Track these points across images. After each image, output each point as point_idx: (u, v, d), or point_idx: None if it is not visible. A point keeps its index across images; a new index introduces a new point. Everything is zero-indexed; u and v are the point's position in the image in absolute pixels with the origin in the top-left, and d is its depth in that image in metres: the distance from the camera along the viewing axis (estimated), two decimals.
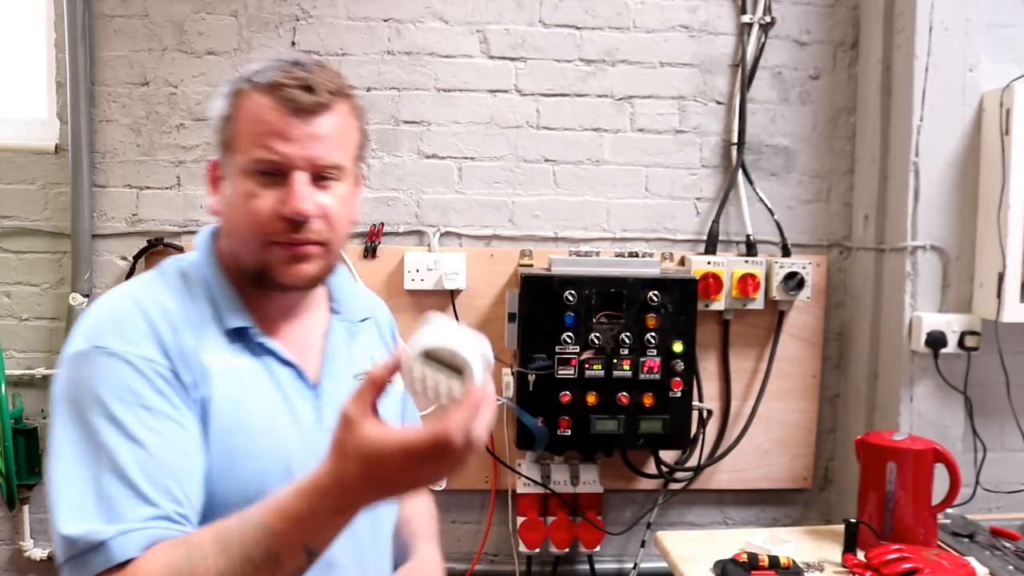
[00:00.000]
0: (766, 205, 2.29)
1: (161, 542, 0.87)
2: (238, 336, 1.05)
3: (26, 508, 2.25)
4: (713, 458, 2.32)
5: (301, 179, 1.01)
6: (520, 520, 2.22)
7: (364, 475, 0.80)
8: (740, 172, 2.29)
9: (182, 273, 1.07)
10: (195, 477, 0.95)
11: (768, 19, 2.27)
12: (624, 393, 2.05)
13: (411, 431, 0.79)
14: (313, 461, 0.89)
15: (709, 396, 2.31)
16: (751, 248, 2.28)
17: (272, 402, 1.04)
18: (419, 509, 1.32)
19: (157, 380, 0.95)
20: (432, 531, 1.30)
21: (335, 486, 0.82)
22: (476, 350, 0.81)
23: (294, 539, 0.83)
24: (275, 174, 1.01)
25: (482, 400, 0.80)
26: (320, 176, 1.03)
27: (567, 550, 2.24)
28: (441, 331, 0.83)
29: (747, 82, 2.27)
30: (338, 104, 1.05)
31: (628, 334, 2.04)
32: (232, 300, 1.06)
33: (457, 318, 2.21)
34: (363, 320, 1.21)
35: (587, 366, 2.04)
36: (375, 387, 0.83)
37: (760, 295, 2.21)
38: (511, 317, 2.12)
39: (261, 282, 1.05)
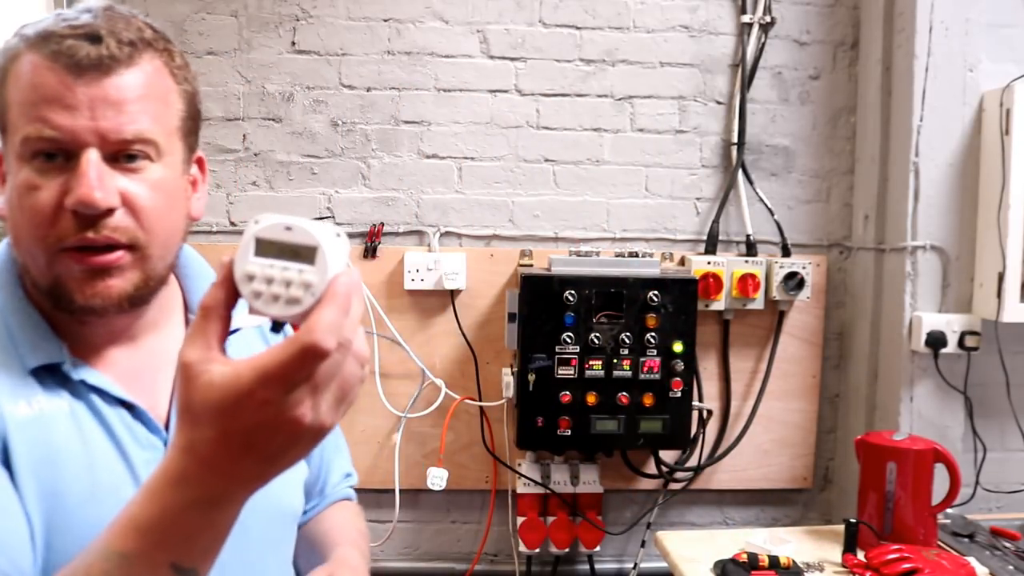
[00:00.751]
0: (766, 205, 2.30)
1: None
2: (51, 373, 0.81)
3: None
4: (713, 458, 2.32)
5: (92, 158, 0.76)
6: (520, 520, 2.22)
7: (224, 436, 0.58)
8: (740, 172, 2.29)
9: None
10: (17, 537, 0.74)
11: (768, 19, 2.27)
12: (624, 393, 2.05)
13: (264, 354, 0.57)
14: None
15: (709, 396, 2.31)
16: (751, 248, 2.28)
17: (97, 457, 0.80)
18: (339, 520, 1.12)
19: None
20: (354, 539, 1.07)
21: (192, 464, 0.59)
22: (324, 228, 0.61)
23: (157, 558, 0.61)
24: (59, 156, 0.77)
25: (347, 288, 0.59)
26: (123, 155, 0.79)
27: (567, 550, 2.24)
28: (276, 217, 0.61)
29: (747, 82, 2.27)
30: (142, 58, 0.80)
31: (628, 334, 2.04)
32: (34, 330, 0.81)
33: (457, 318, 2.21)
34: (234, 331, 0.81)
35: (587, 366, 2.04)
36: (213, 317, 0.61)
37: (760, 295, 2.21)
38: (511, 317, 2.12)
39: (59, 304, 0.81)
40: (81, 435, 0.80)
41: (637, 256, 2.12)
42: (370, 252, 2.20)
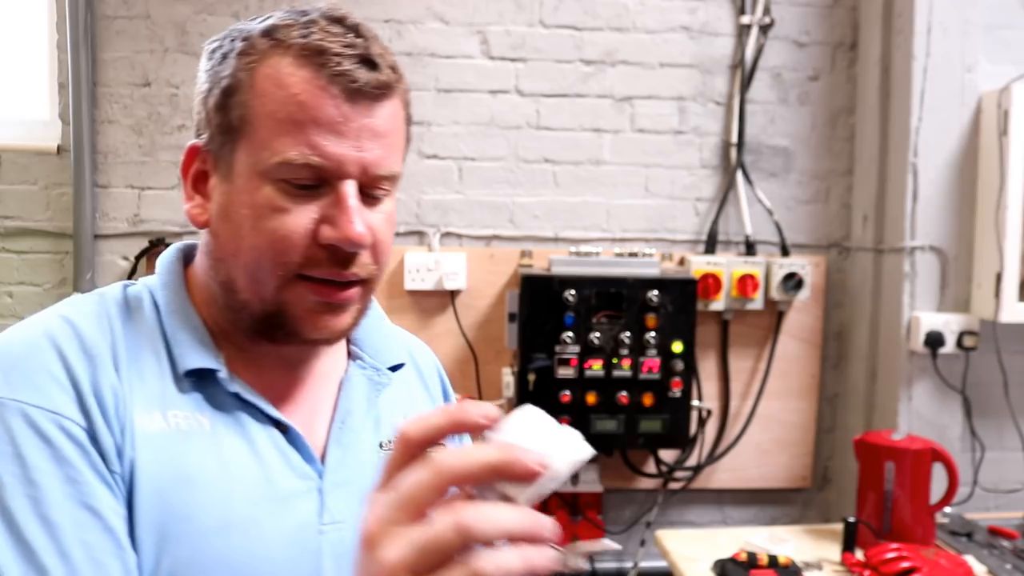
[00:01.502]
0: (765, 206, 2.30)
1: None
2: (202, 383, 0.74)
3: None
4: (712, 458, 2.33)
5: (352, 192, 0.71)
6: None
7: None
8: (739, 173, 2.30)
9: (128, 299, 0.77)
10: (122, 561, 0.65)
11: (767, 20, 2.28)
12: (624, 393, 2.06)
13: None
14: (307, 567, 0.71)
15: (708, 396, 2.32)
16: (750, 248, 2.29)
17: (237, 482, 0.71)
18: None
19: (64, 443, 0.66)
20: None
21: None
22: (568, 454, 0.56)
23: None
24: (314, 182, 0.71)
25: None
26: (371, 188, 0.73)
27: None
28: (531, 423, 0.58)
29: (746, 83, 2.28)
30: (397, 88, 0.75)
31: (628, 334, 2.05)
32: (193, 333, 0.75)
33: (457, 318, 2.22)
34: (395, 368, 0.88)
35: (587, 366, 2.05)
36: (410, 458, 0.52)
37: (759, 295, 2.22)
38: (511, 317, 2.13)
39: (270, 333, 0.75)
40: (221, 455, 0.72)
41: (637, 256, 2.13)
42: None
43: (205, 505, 0.69)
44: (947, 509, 1.94)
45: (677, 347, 2.07)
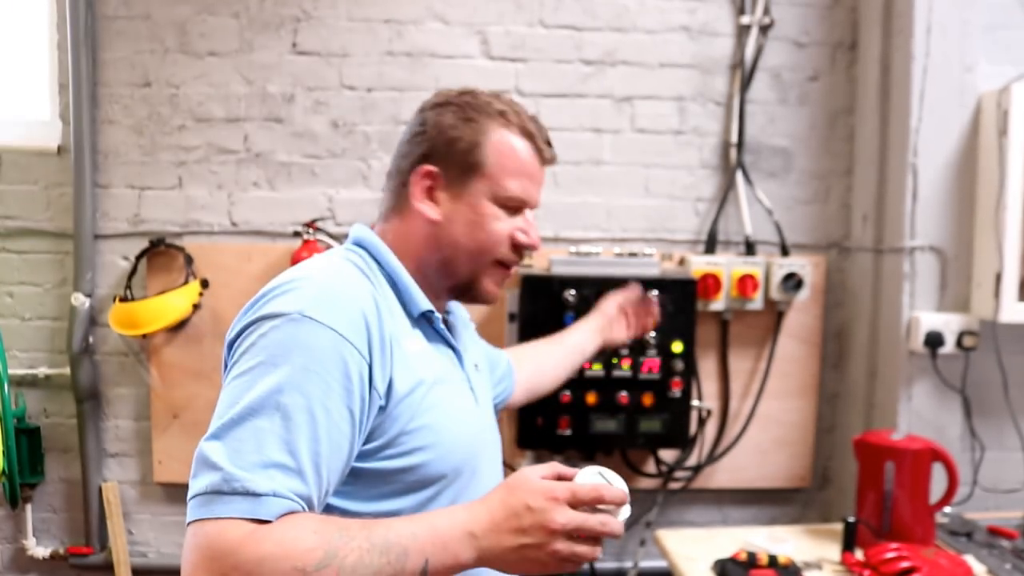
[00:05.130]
0: (765, 206, 2.30)
1: (304, 513, 0.90)
2: (419, 321, 1.13)
3: (28, 507, 2.26)
4: (712, 457, 2.33)
5: (532, 216, 1.19)
6: None
7: (512, 511, 0.93)
8: (739, 173, 2.30)
9: (361, 262, 1.12)
10: (340, 471, 0.97)
11: (767, 20, 2.28)
12: (624, 393, 2.06)
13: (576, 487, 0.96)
14: (483, 434, 1.18)
15: (708, 396, 2.32)
16: (750, 248, 2.29)
17: (454, 382, 1.15)
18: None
19: (353, 371, 0.97)
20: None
21: (483, 515, 0.93)
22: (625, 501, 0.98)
23: (425, 548, 0.90)
24: (515, 207, 1.16)
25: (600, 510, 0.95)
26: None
27: None
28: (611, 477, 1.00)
29: (746, 83, 2.28)
30: None
31: None
32: (416, 288, 1.13)
33: None
34: (470, 320, 1.37)
35: (586, 365, 2.05)
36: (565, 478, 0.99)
37: (759, 295, 2.22)
38: (511, 317, 2.13)
39: (463, 292, 1.19)
40: (446, 366, 1.14)
41: (637, 256, 2.13)
42: None
43: (449, 394, 1.11)
44: (947, 509, 1.94)
45: (677, 347, 2.07)
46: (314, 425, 0.93)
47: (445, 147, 1.14)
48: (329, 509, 0.98)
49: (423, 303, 1.12)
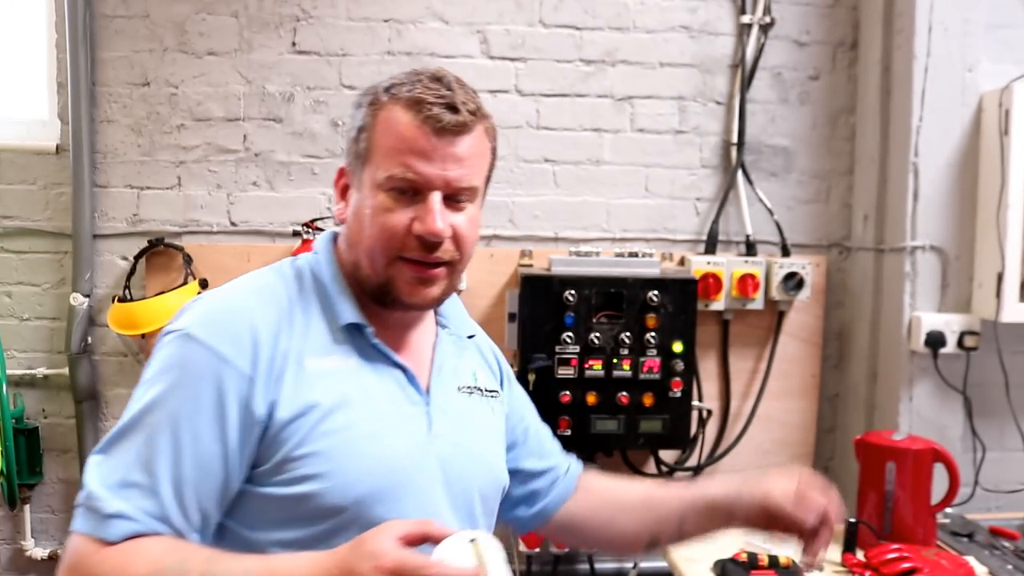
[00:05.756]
0: (766, 205, 2.30)
1: (156, 536, 0.91)
2: (350, 335, 1.04)
3: (27, 507, 2.25)
4: (713, 458, 2.33)
5: (437, 199, 1.00)
6: None
7: (344, 571, 0.85)
8: (740, 172, 2.29)
9: (298, 272, 1.08)
10: (215, 493, 0.95)
11: (768, 20, 2.27)
12: (624, 393, 2.06)
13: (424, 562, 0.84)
14: (423, 467, 1.02)
15: (709, 396, 2.31)
16: (751, 248, 2.28)
17: (379, 406, 1.02)
18: (632, 482, 1.32)
19: (228, 392, 0.94)
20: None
21: (324, 565, 0.86)
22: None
23: None
24: (411, 192, 1.00)
25: None
26: (454, 197, 1.02)
27: (567, 550, 2.25)
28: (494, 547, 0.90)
29: (747, 82, 2.28)
30: (477, 125, 1.03)
31: (628, 334, 2.04)
32: (348, 299, 1.05)
33: None
34: (470, 337, 1.20)
35: (587, 366, 2.04)
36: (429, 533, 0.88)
37: (760, 295, 2.22)
38: (511, 317, 2.12)
39: (382, 298, 1.04)
40: (365, 387, 1.02)
41: (637, 256, 2.12)
42: None
43: (357, 419, 0.99)
44: (948, 510, 1.93)
45: (677, 347, 2.07)
46: (177, 445, 0.92)
47: (348, 141, 1.07)
48: (226, 533, 0.98)
49: (346, 315, 1.03)
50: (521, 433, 1.26)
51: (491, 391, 1.19)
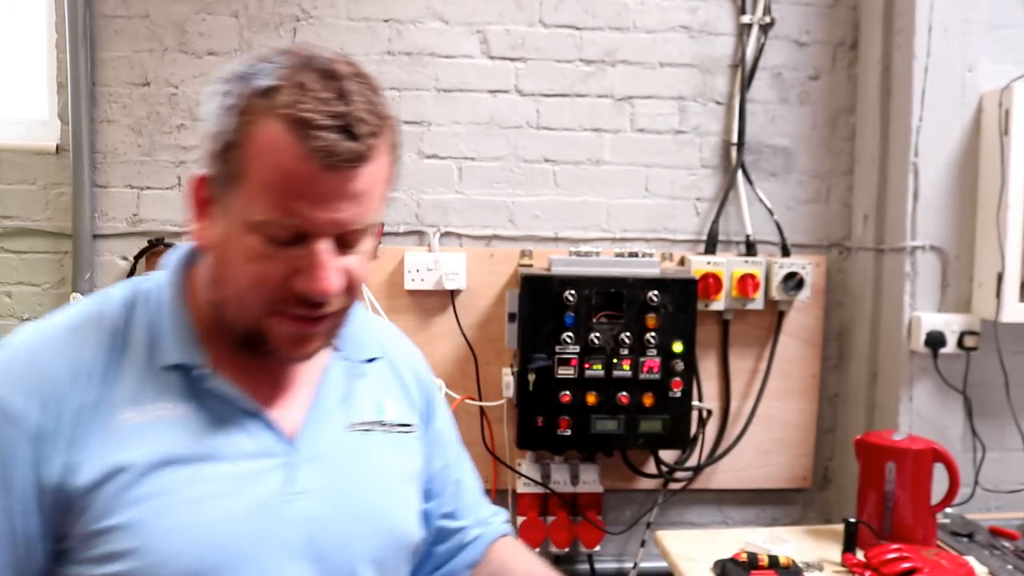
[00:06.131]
0: (766, 205, 2.30)
1: None
2: (182, 378, 0.86)
3: None
4: (713, 458, 2.33)
5: (326, 249, 0.80)
6: (520, 520, 2.22)
7: None
8: (740, 172, 2.29)
9: (130, 300, 0.89)
10: (9, 569, 0.81)
11: (768, 20, 2.27)
12: (624, 393, 2.06)
13: None
14: (272, 536, 0.83)
15: (709, 396, 2.31)
16: (751, 248, 2.28)
17: (213, 463, 0.84)
18: (532, 563, 1.12)
19: (12, 455, 0.79)
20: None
21: None
22: None
23: None
24: (292, 238, 0.80)
25: None
26: (346, 240, 0.83)
27: (567, 550, 2.25)
28: None
29: (747, 82, 2.28)
30: (381, 146, 0.82)
31: (628, 334, 2.04)
32: (179, 331, 0.86)
33: (457, 318, 2.21)
34: (370, 360, 1.00)
35: (587, 366, 2.04)
36: None
37: (760, 295, 2.22)
38: (511, 317, 2.12)
39: (250, 348, 0.86)
40: (195, 441, 0.84)
41: (637, 256, 2.12)
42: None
43: (179, 482, 0.82)
44: (948, 510, 1.93)
45: (677, 347, 2.07)
46: None
47: (210, 144, 0.83)
48: None
49: (169, 354, 0.85)
50: (440, 481, 1.09)
51: (403, 425, 1.00)
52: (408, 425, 1.01)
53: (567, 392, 2.04)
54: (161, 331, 0.86)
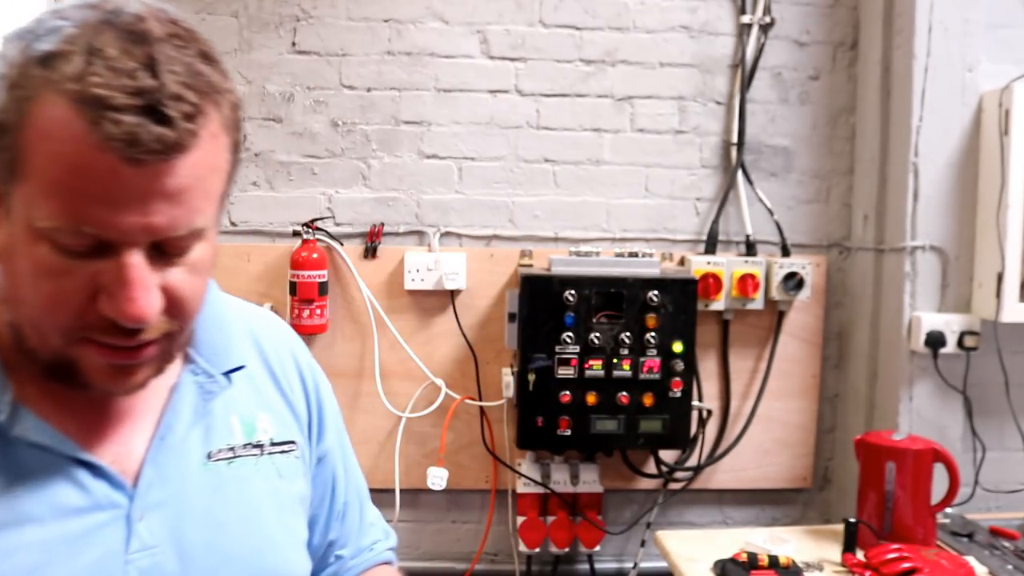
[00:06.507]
0: (766, 205, 2.30)
1: None
2: None
3: None
4: (713, 458, 2.33)
5: (137, 263, 0.63)
6: (520, 520, 2.22)
7: None
8: (740, 172, 2.29)
9: None
10: None
11: (768, 20, 2.27)
12: (624, 393, 2.06)
13: None
14: None
15: (709, 396, 2.31)
16: (751, 248, 2.28)
17: (26, 530, 0.66)
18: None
19: None
20: None
21: None
22: None
23: None
24: (93, 247, 0.63)
25: None
26: (168, 247, 0.65)
27: (567, 550, 2.25)
28: None
29: (747, 82, 2.28)
30: (203, 126, 0.63)
31: (628, 334, 2.04)
32: None
33: (457, 318, 2.22)
34: (232, 371, 0.81)
35: (587, 366, 2.04)
36: None
37: (760, 295, 2.22)
38: (511, 317, 2.12)
39: (62, 380, 0.69)
40: (4, 503, 0.66)
41: (637, 256, 2.12)
42: (370, 252, 2.21)
43: None
44: (948, 509, 1.93)
45: (677, 347, 2.07)
46: None
47: None
48: None
49: None
50: (325, 506, 0.94)
51: (283, 444, 0.83)
52: (289, 443, 0.84)
53: (567, 392, 2.04)
54: None
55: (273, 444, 0.82)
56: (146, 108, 0.59)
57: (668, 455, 2.30)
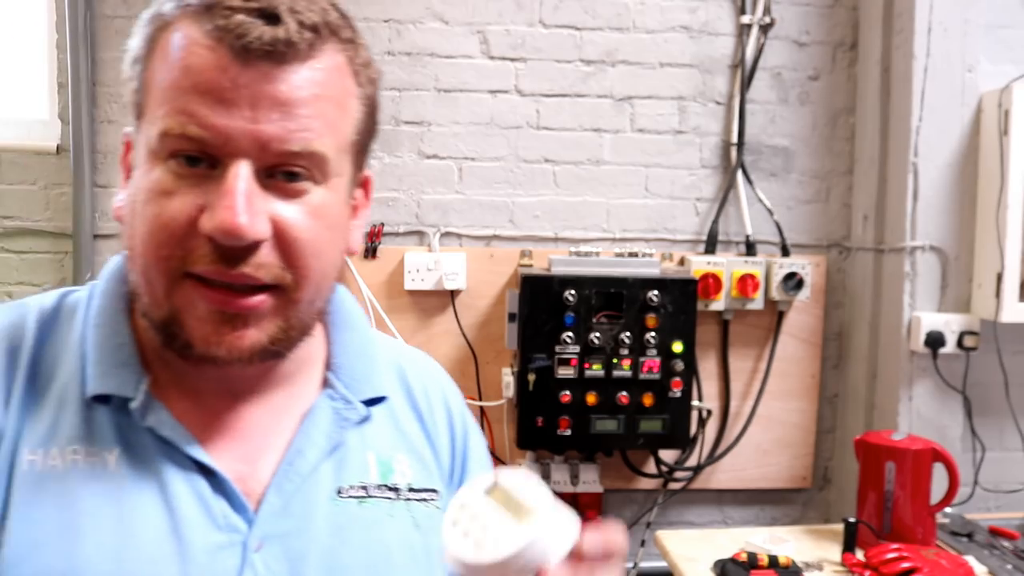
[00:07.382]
0: (765, 205, 2.30)
1: None
2: (113, 412, 0.64)
3: None
4: (712, 458, 2.33)
5: (242, 173, 0.59)
6: None
7: None
8: (740, 172, 2.29)
9: (60, 310, 0.69)
10: None
11: (767, 20, 2.27)
12: (624, 393, 2.06)
13: None
14: None
15: (709, 396, 2.31)
16: (751, 248, 2.28)
17: (137, 532, 0.61)
18: None
19: None
20: None
21: None
22: (558, 509, 0.57)
23: None
24: (203, 160, 0.60)
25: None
26: (281, 171, 0.62)
27: None
28: (523, 478, 0.58)
29: (746, 83, 2.28)
30: (324, 49, 0.62)
31: (628, 334, 2.04)
32: (114, 351, 0.65)
33: (457, 318, 2.22)
34: (375, 401, 0.74)
35: (587, 366, 2.04)
36: None
37: (759, 295, 2.22)
38: (511, 317, 2.13)
39: (171, 345, 0.64)
40: (120, 501, 0.62)
41: (637, 256, 2.12)
42: (370, 252, 2.21)
43: (91, 559, 0.59)
44: (948, 509, 1.93)
45: (677, 347, 2.07)
46: None
47: (128, 92, 0.68)
48: None
49: (95, 383, 0.64)
50: None
51: (423, 491, 0.74)
52: (430, 491, 0.74)
53: (567, 392, 2.04)
54: (90, 353, 0.65)
55: (412, 490, 0.73)
56: (258, 11, 0.59)
57: (668, 455, 2.30)
